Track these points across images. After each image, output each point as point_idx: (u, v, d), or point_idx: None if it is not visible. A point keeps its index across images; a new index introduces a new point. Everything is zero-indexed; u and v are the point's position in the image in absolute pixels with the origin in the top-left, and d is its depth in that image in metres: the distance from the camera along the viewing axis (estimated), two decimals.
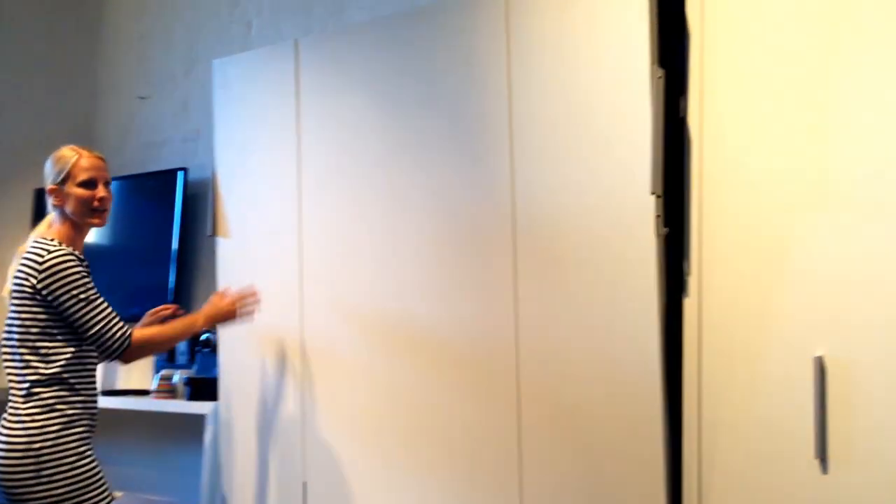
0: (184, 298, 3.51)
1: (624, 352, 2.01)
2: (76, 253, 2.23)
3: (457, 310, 2.31)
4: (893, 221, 1.73)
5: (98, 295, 2.22)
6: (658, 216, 1.97)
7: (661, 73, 1.99)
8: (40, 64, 4.22)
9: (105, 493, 2.22)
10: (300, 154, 2.66)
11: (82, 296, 2.18)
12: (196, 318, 2.43)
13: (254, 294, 2.52)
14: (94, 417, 2.28)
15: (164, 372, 3.23)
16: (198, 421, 3.20)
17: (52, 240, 2.23)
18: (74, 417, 2.21)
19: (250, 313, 2.51)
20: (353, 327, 2.52)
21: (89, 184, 2.30)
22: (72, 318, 2.18)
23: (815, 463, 1.77)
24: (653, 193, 1.97)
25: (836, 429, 1.75)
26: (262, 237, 2.74)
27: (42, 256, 2.18)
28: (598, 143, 2.07)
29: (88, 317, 2.19)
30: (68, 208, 2.29)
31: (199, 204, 3.57)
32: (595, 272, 2.06)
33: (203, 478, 2.87)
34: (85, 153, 2.34)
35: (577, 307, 2.09)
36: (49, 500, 2.15)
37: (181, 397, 3.14)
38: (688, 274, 1.97)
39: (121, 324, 2.23)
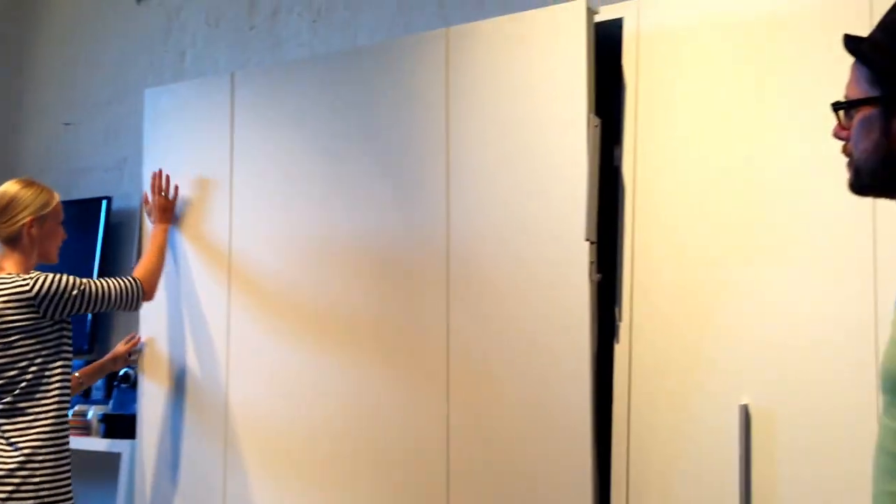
0: (102, 328, 3.40)
1: (557, 397, 2.01)
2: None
3: (388, 355, 2.29)
4: (818, 276, 1.78)
5: (86, 282, 2.32)
6: (592, 262, 2.00)
7: (597, 121, 2.03)
8: None
9: None
10: (232, 189, 2.61)
11: (80, 289, 2.28)
12: (155, 231, 2.60)
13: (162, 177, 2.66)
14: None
15: (77, 407, 3.10)
16: (113, 460, 3.08)
17: (17, 274, 2.25)
18: (63, 450, 2.22)
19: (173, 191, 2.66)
20: (278, 369, 2.47)
21: (63, 223, 2.42)
22: (89, 308, 2.31)
23: None
24: (587, 240, 1.99)
25: (759, 478, 1.77)
26: (189, 273, 2.68)
27: (28, 285, 2.21)
28: (533, 188, 2.09)
29: (101, 295, 2.32)
30: (44, 243, 2.33)
31: (123, 233, 3.48)
32: (529, 317, 2.06)
33: None
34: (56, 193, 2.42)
35: (511, 351, 2.08)
36: None
37: (96, 434, 3.02)
38: (619, 320, 1.99)
39: (122, 283, 2.37)
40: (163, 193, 2.65)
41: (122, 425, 2.95)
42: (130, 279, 2.42)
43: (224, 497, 2.49)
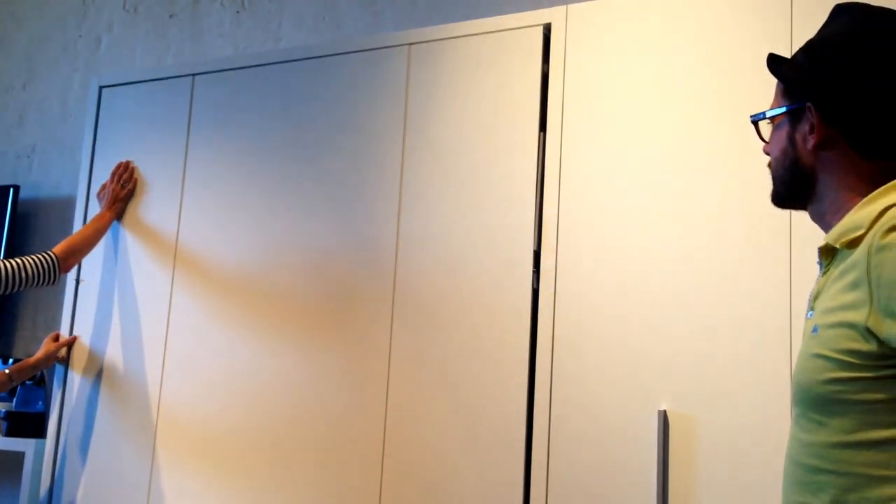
0: (7, 324, 3.27)
1: (492, 404, 2.03)
2: None
3: (328, 368, 2.27)
4: (736, 284, 1.84)
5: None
6: (535, 271, 2.03)
7: (543, 137, 2.08)
8: None
9: None
10: (182, 194, 2.55)
11: None
12: (101, 213, 2.58)
13: (127, 168, 2.64)
14: None
15: None
16: (15, 459, 2.96)
17: None
18: None
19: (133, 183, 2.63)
20: (213, 381, 2.41)
21: None
22: (6, 289, 2.31)
23: None
24: (534, 250, 2.04)
25: (677, 483, 1.81)
26: (128, 270, 2.60)
27: None
28: (484, 201, 2.12)
29: (17, 275, 2.32)
30: None
31: (31, 224, 3.35)
32: (471, 324, 2.08)
33: None
34: None
35: (451, 357, 2.10)
36: None
37: None
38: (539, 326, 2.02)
39: (36, 259, 2.37)
40: (121, 184, 2.61)
41: (26, 424, 2.85)
42: (44, 254, 2.38)
43: (148, 497, 2.42)
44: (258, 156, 2.47)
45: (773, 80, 1.26)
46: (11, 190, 3.22)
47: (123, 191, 2.61)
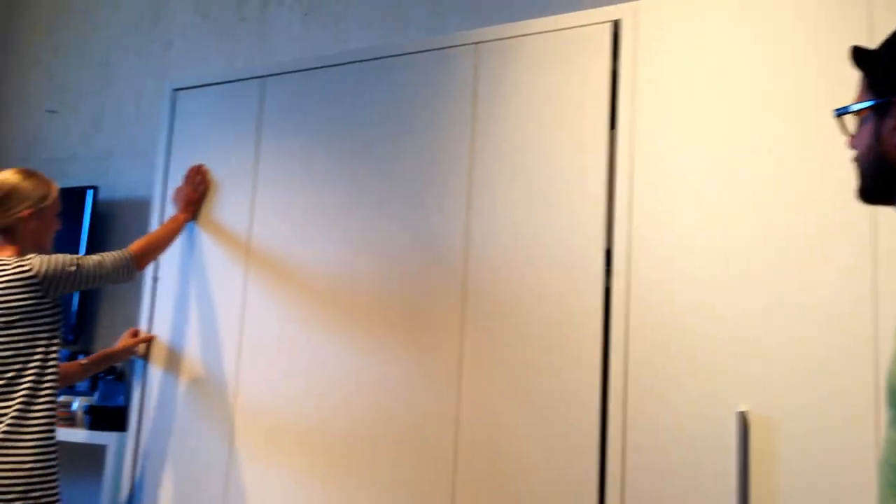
0: (87, 320, 3.38)
1: (566, 403, 2.04)
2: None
3: (399, 359, 2.30)
4: (820, 283, 1.81)
5: (80, 257, 2.34)
6: (606, 269, 2.03)
7: (613, 135, 2.07)
8: None
9: None
10: (254, 195, 2.61)
11: (76, 266, 2.29)
12: (176, 216, 2.62)
13: (199, 172, 2.69)
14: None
15: (62, 398, 3.08)
16: (97, 452, 3.07)
17: (14, 258, 2.26)
18: (53, 436, 2.22)
19: (205, 185, 2.68)
20: (290, 373, 2.47)
21: (60, 215, 2.43)
22: (84, 285, 2.32)
23: None
24: (605, 249, 2.04)
25: (757, 486, 1.79)
26: (204, 275, 2.67)
27: (29, 268, 2.22)
28: (553, 199, 2.13)
29: (94, 271, 2.33)
30: (37, 233, 2.33)
31: (108, 225, 3.45)
32: (543, 322, 2.09)
33: None
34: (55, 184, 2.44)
35: (524, 354, 2.11)
36: None
37: (80, 426, 3.01)
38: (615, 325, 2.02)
39: (113, 256, 2.40)
40: (194, 187, 2.67)
41: (107, 418, 2.94)
42: (121, 252, 2.43)
43: (226, 487, 2.49)
44: (327, 156, 2.51)
45: (852, 74, 1.24)
46: (90, 191, 3.33)
47: (196, 193, 2.67)
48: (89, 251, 3.29)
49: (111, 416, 2.95)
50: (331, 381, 2.38)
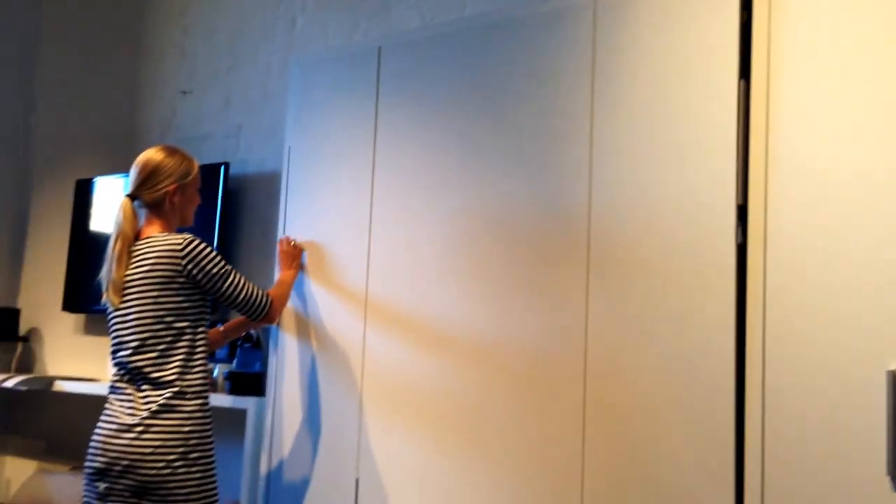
0: None
1: (698, 365, 2.01)
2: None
3: (524, 320, 2.31)
4: None
5: (231, 268, 2.40)
6: (739, 225, 1.98)
7: (744, 84, 2.01)
8: (83, 58, 4.25)
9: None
10: (375, 160, 2.67)
11: (225, 267, 2.36)
12: (285, 273, 2.66)
13: (290, 242, 2.75)
14: None
15: None
16: (237, 416, 3.22)
17: (163, 232, 2.37)
18: (208, 401, 2.34)
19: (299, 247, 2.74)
20: (415, 333, 2.52)
21: (200, 191, 2.53)
22: (219, 292, 2.36)
23: (887, 480, 1.74)
24: (737, 203, 1.98)
25: None
26: (329, 241, 2.75)
27: (180, 243, 2.31)
28: (680, 154, 2.08)
29: (236, 287, 2.37)
30: (185, 209, 2.45)
31: (240, 199, 3.59)
32: (671, 285, 2.06)
33: (243, 472, 2.88)
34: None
35: (653, 318, 2.09)
36: (188, 486, 2.22)
37: (221, 391, 3.16)
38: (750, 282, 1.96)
39: (258, 292, 2.44)
40: (292, 250, 2.73)
41: (246, 383, 3.08)
42: (267, 294, 2.47)
43: (359, 447, 2.57)
44: (447, 122, 2.53)
45: None
46: (223, 167, 3.46)
47: (296, 249, 2.74)
48: (222, 225, 3.43)
49: (250, 382, 3.08)
50: (454, 341, 2.41)
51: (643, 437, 2.06)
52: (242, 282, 2.40)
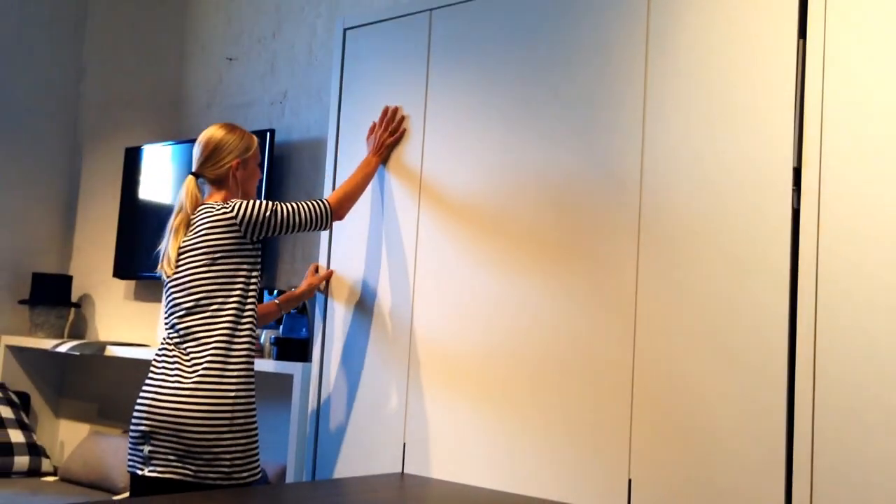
0: (269, 258, 3.55)
1: (749, 327, 1.96)
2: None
3: (572, 286, 2.28)
4: None
5: (278, 204, 2.41)
6: (794, 189, 1.92)
7: (802, 44, 1.94)
8: (130, 26, 4.27)
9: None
10: (425, 126, 2.64)
11: (271, 210, 2.38)
12: (368, 159, 2.66)
13: (395, 115, 2.71)
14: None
15: None
16: (284, 381, 3.24)
17: (221, 202, 2.40)
18: (252, 366, 2.36)
19: (402, 132, 2.69)
20: (464, 299, 2.51)
21: (260, 165, 2.58)
22: (280, 228, 2.40)
23: None
24: (794, 167, 1.92)
25: None
26: (380, 203, 2.74)
27: (231, 208, 2.35)
28: (736, 116, 2.03)
29: (291, 216, 2.41)
30: (247, 183, 2.48)
31: (285, 165, 3.59)
32: (723, 251, 2.02)
33: (290, 437, 2.90)
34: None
35: (704, 279, 2.05)
36: (233, 452, 2.24)
37: (269, 357, 3.18)
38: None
39: (310, 205, 2.46)
40: (389, 131, 2.69)
41: (292, 349, 3.09)
42: (319, 201, 2.49)
43: (405, 417, 2.57)
44: (497, 84, 2.49)
45: None
46: (268, 134, 3.46)
47: (391, 138, 2.70)
48: (269, 192, 3.44)
49: (296, 348, 3.10)
50: (501, 311, 2.39)
51: (690, 411, 2.02)
52: (293, 208, 2.42)
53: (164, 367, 2.32)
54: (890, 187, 1.80)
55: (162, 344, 2.38)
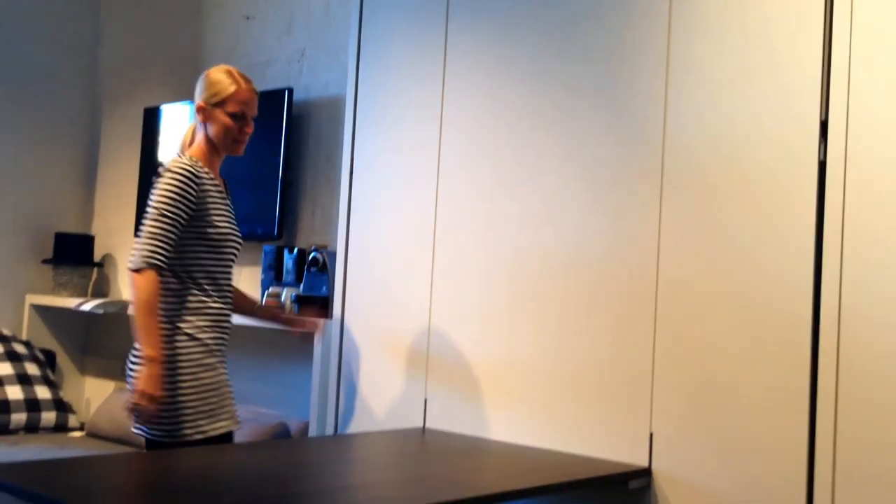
0: (288, 219, 3.56)
1: (772, 285, 1.96)
2: (194, 173, 2.25)
3: (597, 243, 2.29)
4: None
5: (173, 215, 2.20)
6: (822, 142, 1.91)
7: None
8: None
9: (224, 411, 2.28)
10: (444, 84, 2.63)
11: (156, 205, 2.20)
12: (151, 353, 2.27)
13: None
14: (224, 330, 2.35)
15: (271, 289, 3.29)
16: (305, 338, 3.27)
17: (188, 157, 2.29)
18: (200, 328, 2.28)
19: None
20: (485, 250, 2.52)
21: (238, 116, 2.34)
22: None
23: None
24: (821, 120, 1.91)
25: None
26: (397, 164, 2.74)
27: (166, 165, 2.25)
28: (761, 69, 2.01)
29: (146, 223, 2.20)
30: (211, 131, 2.33)
31: (304, 124, 3.59)
32: (746, 206, 2.01)
33: (312, 394, 2.94)
34: (243, 85, 2.35)
35: (725, 242, 2.04)
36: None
37: (291, 314, 3.20)
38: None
39: (160, 247, 2.18)
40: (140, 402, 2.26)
41: (313, 305, 3.12)
42: (147, 260, 2.19)
43: (426, 372, 2.60)
44: (516, 40, 2.47)
45: None
46: (286, 92, 3.46)
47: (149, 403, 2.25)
48: (287, 151, 3.45)
49: (317, 304, 3.12)
50: (525, 257, 2.40)
51: (712, 367, 2.03)
52: (153, 227, 2.18)
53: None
54: None
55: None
